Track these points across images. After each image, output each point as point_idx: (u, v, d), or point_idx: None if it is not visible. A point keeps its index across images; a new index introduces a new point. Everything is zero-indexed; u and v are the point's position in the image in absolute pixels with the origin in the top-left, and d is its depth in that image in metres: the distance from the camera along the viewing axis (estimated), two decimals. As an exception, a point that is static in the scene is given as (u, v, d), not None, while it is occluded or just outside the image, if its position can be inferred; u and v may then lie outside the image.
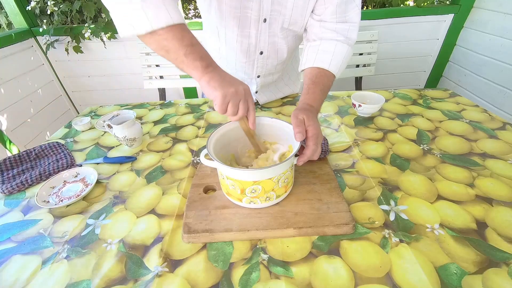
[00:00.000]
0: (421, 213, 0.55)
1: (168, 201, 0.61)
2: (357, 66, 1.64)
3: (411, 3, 1.99)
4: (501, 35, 1.50)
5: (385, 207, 0.56)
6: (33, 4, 1.60)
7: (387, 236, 0.50)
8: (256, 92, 0.97)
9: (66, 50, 1.75)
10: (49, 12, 1.58)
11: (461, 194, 0.58)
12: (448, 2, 1.79)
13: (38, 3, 1.61)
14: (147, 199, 0.62)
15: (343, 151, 0.74)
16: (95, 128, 0.93)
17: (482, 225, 0.52)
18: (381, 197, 0.59)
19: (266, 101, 1.02)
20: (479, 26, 1.65)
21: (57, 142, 0.83)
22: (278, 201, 0.55)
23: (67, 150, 0.80)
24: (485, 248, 0.48)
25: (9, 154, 1.21)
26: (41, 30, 1.64)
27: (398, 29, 1.80)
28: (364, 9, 2.04)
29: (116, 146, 0.83)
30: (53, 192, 0.65)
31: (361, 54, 1.61)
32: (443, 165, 0.67)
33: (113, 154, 0.79)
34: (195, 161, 0.74)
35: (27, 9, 1.63)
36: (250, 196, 0.52)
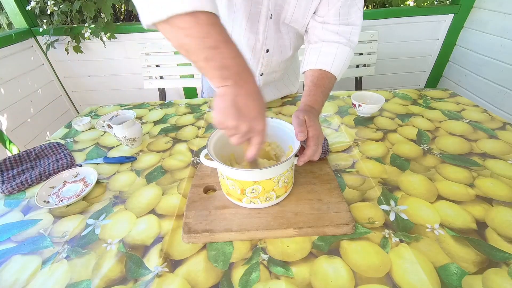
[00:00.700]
0: (421, 213, 0.55)
1: (168, 201, 0.61)
2: (357, 66, 1.64)
3: (411, 3, 1.99)
4: (501, 35, 1.50)
5: (385, 207, 0.56)
6: (33, 4, 1.60)
7: (387, 236, 0.50)
8: None
9: (66, 50, 1.75)
10: (49, 12, 1.58)
11: (461, 194, 0.58)
12: (448, 2, 1.79)
13: (38, 3, 1.61)
14: (147, 199, 0.62)
15: (343, 151, 0.74)
16: (95, 128, 0.93)
17: (482, 225, 0.52)
18: (381, 197, 0.59)
19: (267, 101, 1.01)
20: (479, 26, 1.65)
21: (57, 142, 0.83)
22: (278, 201, 0.55)
23: (67, 150, 0.80)
24: (485, 248, 0.48)
25: (9, 154, 1.21)
26: (41, 30, 1.64)
27: (398, 29, 1.80)
28: (364, 9, 2.04)
29: (116, 146, 0.83)
30: (53, 192, 0.65)
31: (361, 54, 1.61)
32: (443, 165, 0.67)
33: (113, 154, 0.79)
34: (195, 161, 0.74)
35: (27, 9, 1.63)
36: (250, 196, 0.52)
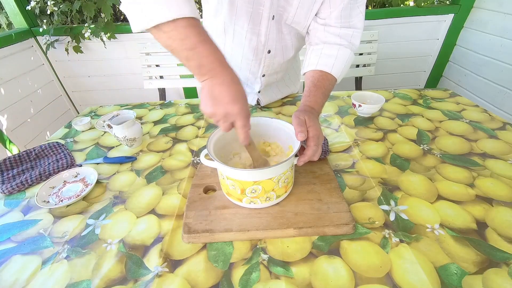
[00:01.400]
0: (421, 213, 0.55)
1: (168, 201, 0.61)
2: (357, 66, 1.64)
3: (411, 3, 1.98)
4: (501, 35, 1.50)
5: (385, 207, 0.56)
6: (33, 4, 1.60)
7: (387, 236, 0.50)
8: (259, 92, 0.96)
9: (66, 50, 1.75)
10: (49, 12, 1.58)
11: (461, 194, 0.58)
12: (448, 2, 1.79)
13: (38, 3, 1.61)
14: (147, 199, 0.62)
15: (343, 151, 0.74)
16: (95, 128, 0.93)
17: (482, 225, 0.52)
18: (381, 197, 0.59)
19: (268, 102, 1.01)
20: (479, 26, 1.65)
21: (57, 142, 0.83)
22: (278, 201, 0.55)
23: (67, 150, 0.80)
24: (485, 248, 0.48)
25: (9, 154, 1.21)
26: (41, 30, 1.64)
27: (398, 29, 1.80)
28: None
29: (116, 146, 0.83)
30: (53, 192, 0.65)
31: (361, 54, 1.61)
32: (443, 165, 0.67)
33: (113, 154, 0.79)
34: (195, 161, 0.74)
35: (27, 9, 1.63)
36: (250, 196, 0.52)
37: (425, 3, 1.71)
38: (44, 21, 1.66)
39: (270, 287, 0.44)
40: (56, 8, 1.58)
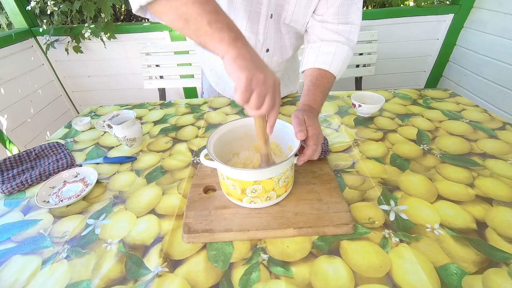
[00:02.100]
0: (421, 213, 0.55)
1: (168, 201, 0.61)
2: (357, 66, 1.64)
3: (411, 3, 1.99)
4: (501, 35, 1.50)
5: (385, 207, 0.56)
6: (33, 4, 1.60)
7: (387, 236, 0.50)
8: None
9: (66, 50, 1.75)
10: (49, 12, 1.58)
11: (461, 194, 0.58)
12: (448, 2, 1.79)
13: (38, 3, 1.61)
14: (147, 199, 0.62)
15: (343, 151, 0.74)
16: (95, 128, 0.93)
17: (482, 225, 0.52)
18: (381, 197, 0.59)
19: None
20: (479, 26, 1.65)
21: (57, 142, 0.83)
22: (278, 201, 0.55)
23: (67, 150, 0.80)
24: (485, 248, 0.48)
25: (9, 154, 1.21)
26: (41, 30, 1.64)
27: (398, 29, 1.80)
28: (364, 9, 2.04)
29: (116, 146, 0.83)
30: (53, 192, 0.65)
31: (361, 54, 1.61)
32: (443, 165, 0.67)
33: (113, 154, 0.79)
34: (195, 161, 0.74)
35: (27, 9, 1.63)
36: (251, 196, 0.52)
37: (425, 3, 1.71)
38: (44, 21, 1.66)
39: (270, 287, 0.44)
40: (56, 8, 1.58)
